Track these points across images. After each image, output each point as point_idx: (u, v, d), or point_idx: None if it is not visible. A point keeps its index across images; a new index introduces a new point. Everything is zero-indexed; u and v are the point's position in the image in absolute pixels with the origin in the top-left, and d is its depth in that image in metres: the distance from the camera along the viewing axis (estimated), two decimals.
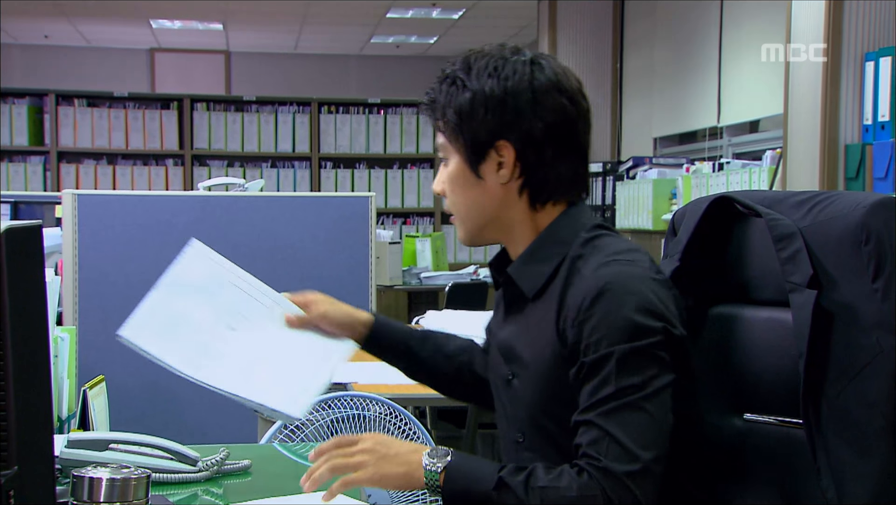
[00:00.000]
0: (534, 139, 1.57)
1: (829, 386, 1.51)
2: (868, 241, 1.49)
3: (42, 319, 1.21)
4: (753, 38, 5.64)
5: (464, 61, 1.61)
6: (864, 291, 1.49)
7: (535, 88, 1.57)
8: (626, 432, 1.41)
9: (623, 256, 1.51)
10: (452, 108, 1.58)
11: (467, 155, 1.59)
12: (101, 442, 1.79)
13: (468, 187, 1.61)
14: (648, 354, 1.44)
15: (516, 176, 1.58)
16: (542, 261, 1.58)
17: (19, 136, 8.29)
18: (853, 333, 1.50)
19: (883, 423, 1.46)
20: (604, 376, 1.44)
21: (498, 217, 1.61)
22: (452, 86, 1.59)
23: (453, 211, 1.65)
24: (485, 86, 1.56)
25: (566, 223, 1.60)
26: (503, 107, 1.56)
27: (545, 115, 1.57)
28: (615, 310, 1.45)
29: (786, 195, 1.65)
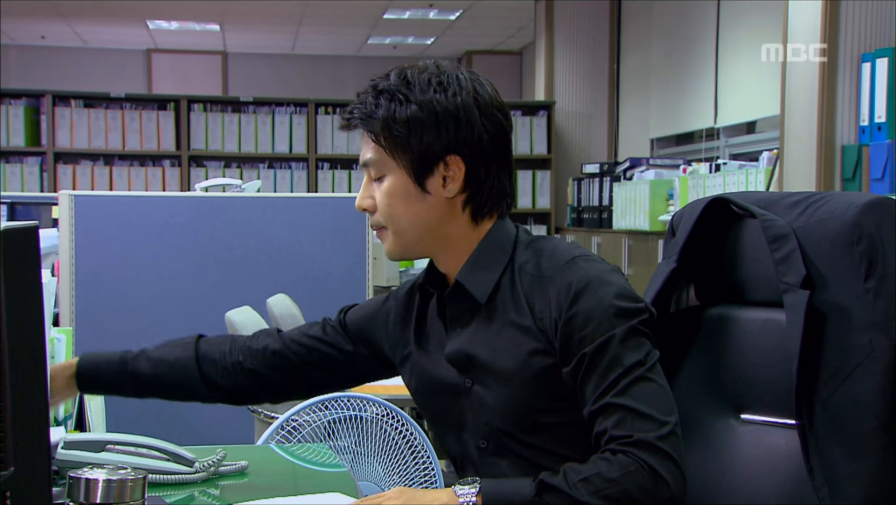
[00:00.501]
0: (482, 153, 1.58)
1: (821, 386, 1.51)
2: (860, 242, 1.50)
3: (38, 321, 1.21)
4: (750, 40, 5.65)
5: (399, 76, 1.59)
6: (856, 291, 1.50)
7: (480, 103, 1.58)
8: (646, 403, 1.44)
9: (580, 252, 1.56)
10: (399, 123, 1.56)
11: (414, 169, 1.58)
12: (97, 443, 1.79)
13: (412, 202, 1.59)
14: (640, 332, 1.50)
15: (461, 190, 1.59)
16: (487, 267, 1.60)
17: (16, 136, 8.28)
18: (846, 334, 1.50)
19: (876, 423, 1.47)
20: (609, 360, 1.47)
21: (439, 231, 1.61)
22: (393, 100, 1.57)
23: (389, 224, 1.62)
24: (433, 100, 1.56)
25: (500, 232, 1.62)
26: (456, 121, 1.56)
27: (490, 130, 1.58)
28: (599, 300, 1.49)
29: (781, 196, 1.66)
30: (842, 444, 1.49)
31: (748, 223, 1.66)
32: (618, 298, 1.50)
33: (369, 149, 1.61)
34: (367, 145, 1.61)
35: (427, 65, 1.61)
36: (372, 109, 1.58)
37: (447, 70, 1.60)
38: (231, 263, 4.33)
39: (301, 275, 4.37)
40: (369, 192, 1.63)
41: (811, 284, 1.53)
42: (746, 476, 1.64)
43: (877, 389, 1.47)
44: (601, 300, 1.50)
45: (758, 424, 1.64)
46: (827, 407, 1.50)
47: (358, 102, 1.60)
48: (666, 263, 1.74)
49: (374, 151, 1.60)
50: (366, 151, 1.62)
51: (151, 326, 4.26)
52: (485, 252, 1.61)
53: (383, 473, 2.48)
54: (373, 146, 1.60)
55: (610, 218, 6.50)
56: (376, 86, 1.59)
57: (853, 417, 1.48)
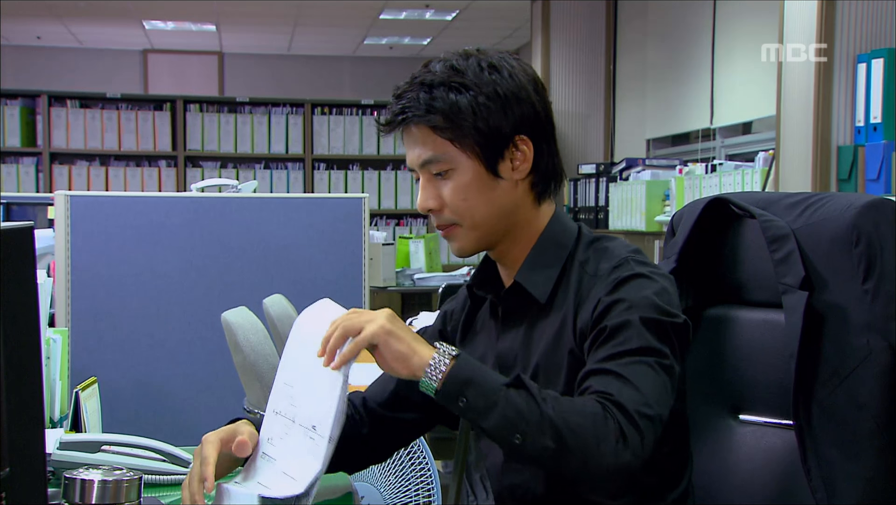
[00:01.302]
0: (543, 130, 1.56)
1: (819, 387, 1.51)
2: (858, 243, 1.50)
3: (34, 321, 1.21)
4: (746, 40, 5.66)
5: (446, 66, 1.53)
6: (854, 292, 1.50)
7: (532, 81, 1.56)
8: (643, 384, 1.37)
9: (634, 255, 1.52)
10: (463, 111, 1.50)
11: (485, 156, 1.53)
12: (93, 444, 1.78)
13: (486, 190, 1.54)
14: (668, 332, 1.43)
15: (530, 171, 1.56)
16: (547, 265, 1.56)
17: (12, 137, 8.27)
18: (844, 335, 1.50)
19: (873, 425, 1.47)
20: (625, 337, 1.41)
21: (513, 216, 1.57)
22: (451, 90, 1.51)
23: (463, 219, 1.55)
24: (492, 83, 1.52)
25: (559, 226, 1.59)
26: (517, 101, 1.53)
27: (544, 106, 1.57)
28: (640, 291, 1.45)
29: (780, 196, 1.66)
30: (839, 445, 1.49)
31: (748, 223, 1.66)
32: (659, 297, 1.45)
33: (429, 146, 1.53)
34: (425, 143, 1.53)
35: (468, 51, 1.57)
36: (428, 103, 1.52)
37: (491, 52, 1.57)
38: (227, 264, 4.32)
39: (298, 275, 4.37)
40: (432, 191, 1.56)
41: (810, 285, 1.53)
42: (745, 476, 1.64)
43: (874, 390, 1.47)
44: (641, 292, 1.45)
45: (756, 424, 1.64)
46: (824, 408, 1.50)
47: (406, 101, 1.53)
48: (665, 263, 1.74)
49: (437, 148, 1.53)
50: (422, 150, 1.54)
51: (147, 326, 4.26)
52: (544, 249, 1.57)
53: (379, 473, 2.48)
54: (433, 142, 1.53)
55: (606, 218, 6.51)
56: (423, 80, 1.54)
57: (850, 419, 1.48)
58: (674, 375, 1.42)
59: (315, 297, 4.57)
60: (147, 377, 4.24)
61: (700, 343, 1.70)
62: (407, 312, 6.16)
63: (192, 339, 4.29)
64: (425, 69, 1.56)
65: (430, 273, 6.71)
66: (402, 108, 1.54)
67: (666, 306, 1.45)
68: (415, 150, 1.56)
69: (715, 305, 1.72)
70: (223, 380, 4.21)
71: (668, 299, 1.46)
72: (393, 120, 1.55)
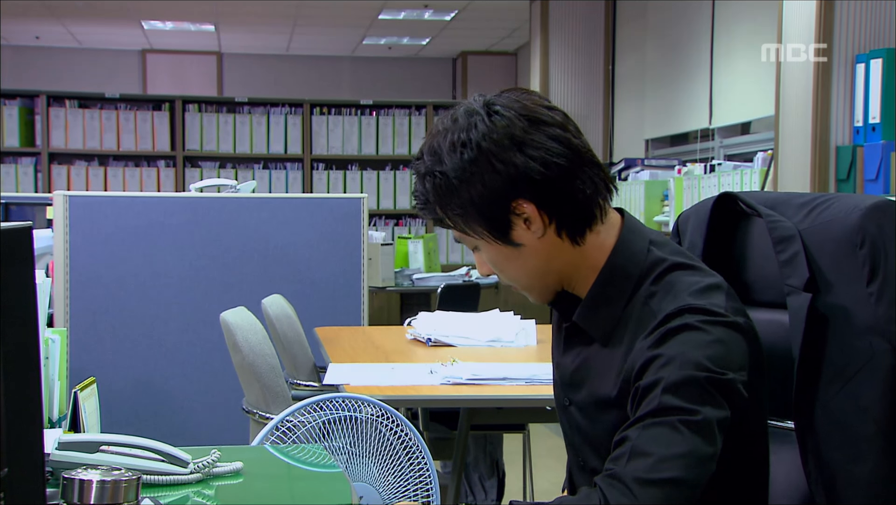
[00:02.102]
0: (540, 183, 1.46)
1: (822, 389, 1.51)
2: (863, 245, 1.49)
3: (32, 321, 1.21)
4: (745, 40, 5.66)
5: (430, 151, 1.50)
6: (859, 294, 1.49)
7: (516, 139, 1.46)
8: (655, 446, 1.32)
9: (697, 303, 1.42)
10: (451, 203, 1.49)
11: (492, 232, 1.50)
12: (91, 444, 1.78)
13: (514, 259, 1.52)
14: (703, 387, 1.35)
15: (548, 223, 1.49)
16: (609, 302, 1.50)
17: (10, 137, 8.27)
18: (847, 337, 1.50)
19: (874, 428, 1.46)
20: (651, 398, 1.36)
21: (554, 269, 1.52)
22: (433, 180, 1.49)
23: (513, 284, 1.57)
24: (463, 163, 1.46)
25: (624, 253, 1.51)
26: (496, 171, 1.45)
27: (534, 153, 1.45)
28: (680, 347, 1.38)
29: (789, 196, 1.65)
30: (840, 447, 1.48)
31: (754, 223, 1.65)
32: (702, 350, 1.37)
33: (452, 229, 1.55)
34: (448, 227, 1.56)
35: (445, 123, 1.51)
36: (425, 198, 1.52)
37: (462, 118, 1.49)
38: (226, 264, 4.32)
39: (296, 276, 4.37)
40: (479, 260, 1.58)
41: (815, 287, 1.53)
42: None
43: (877, 393, 1.46)
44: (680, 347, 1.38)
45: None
46: (827, 410, 1.50)
47: (416, 193, 1.55)
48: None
49: (454, 232, 1.55)
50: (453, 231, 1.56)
51: (146, 326, 4.26)
52: (607, 282, 1.50)
53: (378, 473, 2.48)
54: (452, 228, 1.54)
55: None
56: (418, 169, 1.53)
57: (852, 421, 1.48)
58: (708, 431, 1.34)
59: (314, 297, 4.60)
60: (146, 377, 4.24)
61: None
62: (405, 312, 6.15)
63: (190, 339, 4.29)
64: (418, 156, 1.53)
65: (428, 273, 6.71)
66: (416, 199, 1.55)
67: (705, 362, 1.36)
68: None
69: None
70: (222, 380, 4.21)
71: (715, 355, 1.38)
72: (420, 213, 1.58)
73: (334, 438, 2.42)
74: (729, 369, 1.38)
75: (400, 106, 8.73)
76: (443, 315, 3.75)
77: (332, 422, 2.41)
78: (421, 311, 4.00)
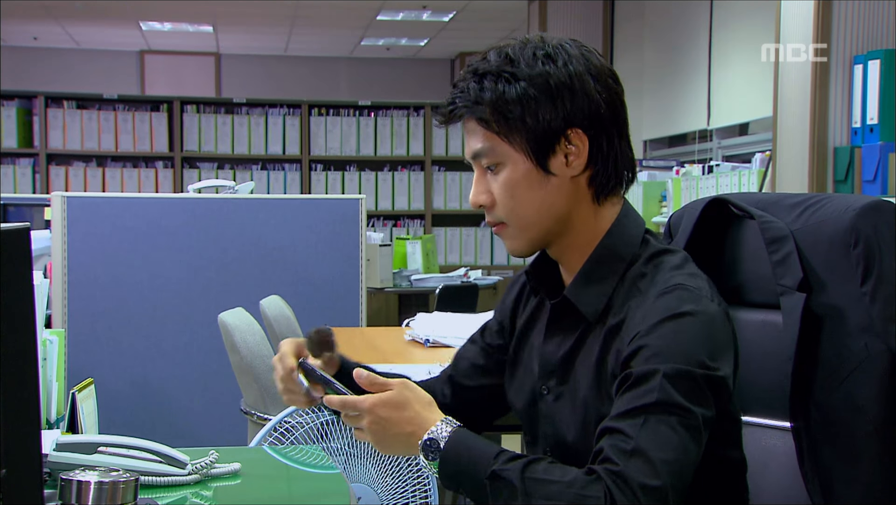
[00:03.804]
0: (602, 123, 1.46)
1: (817, 389, 1.51)
2: (857, 245, 1.50)
3: (30, 322, 1.21)
4: (743, 41, 5.66)
5: (499, 55, 1.47)
6: (852, 294, 1.50)
7: (592, 70, 1.47)
8: (656, 448, 1.30)
9: (692, 284, 1.42)
10: (511, 103, 1.44)
11: (534, 151, 1.45)
12: (89, 445, 1.78)
13: (536, 188, 1.47)
14: (698, 385, 1.35)
15: (585, 166, 1.47)
16: (601, 280, 1.48)
17: (8, 138, 8.26)
18: (842, 337, 1.50)
19: (870, 427, 1.46)
20: (649, 388, 1.33)
21: (567, 216, 1.49)
22: (500, 80, 1.45)
23: (512, 219, 1.49)
24: (543, 73, 1.44)
25: (620, 234, 1.50)
26: (571, 91, 1.44)
27: (605, 97, 1.47)
28: (681, 336, 1.36)
29: (780, 197, 1.66)
30: (836, 447, 1.48)
31: (747, 224, 1.66)
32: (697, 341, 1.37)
33: (479, 138, 1.48)
34: (476, 135, 1.48)
35: (528, 38, 1.50)
36: (477, 94, 1.46)
37: (551, 40, 1.48)
38: (224, 265, 4.32)
39: (294, 276, 4.37)
40: (484, 186, 1.50)
41: (808, 287, 1.53)
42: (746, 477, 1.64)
43: (872, 393, 1.47)
44: (681, 336, 1.36)
45: (756, 426, 1.64)
46: (822, 410, 1.50)
47: (458, 91, 1.48)
48: None
49: (485, 139, 1.47)
50: (474, 142, 1.49)
51: (144, 327, 4.25)
52: (600, 260, 1.49)
53: (376, 474, 2.48)
54: (483, 134, 1.47)
55: None
56: (476, 70, 1.48)
57: (848, 421, 1.48)
58: (699, 435, 1.34)
59: (312, 297, 4.59)
60: (144, 378, 4.24)
61: None
62: (404, 313, 6.15)
63: (188, 340, 4.29)
64: (481, 58, 1.50)
65: (427, 274, 6.71)
66: (454, 98, 1.49)
67: (703, 356, 1.36)
68: (469, 141, 1.51)
69: None
70: (220, 381, 4.21)
71: (710, 346, 1.37)
72: (445, 110, 1.50)
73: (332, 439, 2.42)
74: (722, 363, 1.38)
75: (398, 107, 8.73)
76: (441, 316, 3.75)
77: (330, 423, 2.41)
78: (419, 311, 4.00)
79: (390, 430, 1.39)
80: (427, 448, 1.38)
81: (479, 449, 1.37)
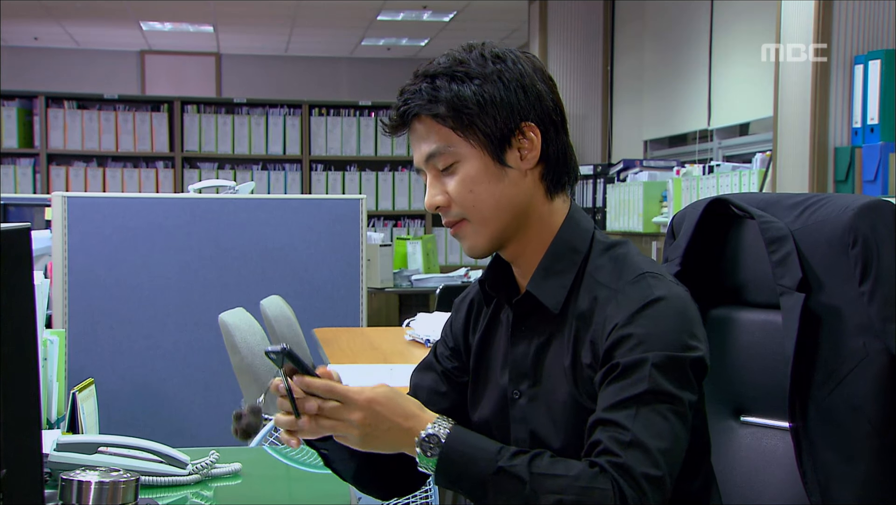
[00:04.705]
0: (551, 119, 1.51)
1: (816, 389, 1.51)
2: (855, 245, 1.50)
3: (31, 322, 1.21)
4: (744, 41, 5.66)
5: (448, 58, 1.51)
6: (851, 294, 1.50)
7: (537, 71, 1.52)
8: (652, 437, 1.33)
9: (651, 269, 1.46)
10: (467, 100, 1.47)
11: (491, 146, 1.48)
12: (90, 445, 1.78)
13: (495, 181, 1.49)
14: (684, 370, 1.38)
15: (539, 159, 1.51)
16: (561, 273, 1.50)
17: (9, 138, 8.27)
18: (840, 337, 1.50)
19: (868, 427, 1.47)
20: (638, 377, 1.36)
21: (524, 211, 1.51)
22: (454, 80, 1.49)
23: (472, 214, 1.51)
24: (496, 71, 1.49)
25: (573, 228, 1.53)
26: (523, 88, 1.49)
27: (552, 95, 1.52)
28: (657, 324, 1.39)
29: (780, 197, 1.66)
30: (835, 447, 1.49)
31: (747, 224, 1.66)
32: (681, 329, 1.40)
33: (433, 139, 1.50)
34: (430, 136, 1.50)
35: (472, 44, 1.54)
36: (431, 94, 1.49)
37: (496, 44, 1.54)
38: (224, 265, 4.32)
39: (295, 277, 4.37)
40: (439, 187, 1.51)
41: (807, 287, 1.53)
42: (745, 478, 1.64)
43: (870, 392, 1.47)
44: (663, 322, 1.39)
45: (757, 426, 1.64)
46: (821, 410, 1.50)
47: (410, 94, 1.51)
48: (668, 266, 1.73)
49: (441, 139, 1.50)
50: (427, 144, 1.51)
51: (144, 327, 4.26)
52: (558, 254, 1.51)
53: None
54: (438, 134, 1.49)
55: (604, 219, 6.51)
56: (427, 72, 1.51)
57: (846, 421, 1.48)
58: (686, 421, 1.37)
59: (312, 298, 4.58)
60: (144, 378, 4.24)
61: None
62: (404, 314, 6.15)
63: (189, 340, 4.29)
64: (428, 63, 1.53)
65: (427, 274, 6.71)
66: (405, 100, 1.51)
67: (685, 338, 1.40)
68: (420, 146, 1.52)
69: (717, 306, 1.72)
70: (220, 381, 4.21)
71: (688, 327, 1.41)
72: (396, 113, 1.53)
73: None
74: (701, 341, 1.42)
75: None
76: (441, 316, 3.75)
77: None
78: (419, 312, 4.00)
79: (383, 425, 1.38)
80: (426, 444, 1.37)
81: (480, 445, 1.38)
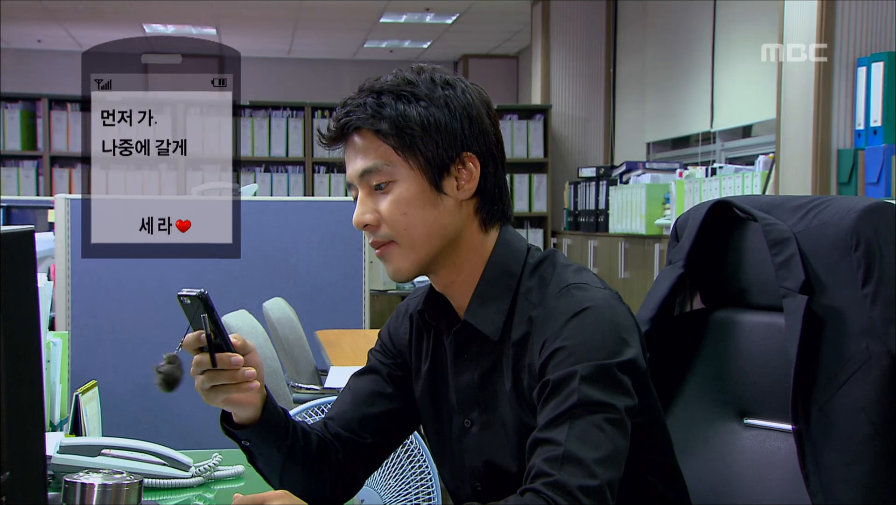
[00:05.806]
0: (492, 152, 1.49)
1: (818, 391, 1.51)
2: (858, 247, 1.50)
3: (34, 325, 1.21)
4: (746, 44, 5.66)
5: (398, 77, 1.48)
6: (854, 296, 1.50)
7: (483, 104, 1.50)
8: (586, 449, 1.31)
9: (574, 280, 1.44)
10: (412, 121, 1.44)
11: (429, 170, 1.44)
12: (93, 447, 1.78)
13: (430, 207, 1.45)
14: (614, 376, 1.36)
15: (475, 192, 1.48)
16: (497, 298, 1.47)
17: (12, 140, 8.27)
18: (843, 339, 1.50)
19: (871, 429, 1.47)
20: (568, 392, 1.34)
21: (455, 240, 1.48)
22: (400, 99, 1.45)
23: (401, 237, 1.46)
24: (444, 97, 1.46)
25: (505, 251, 1.50)
26: (468, 118, 1.46)
27: (495, 131, 1.50)
28: (586, 332, 1.38)
29: (783, 200, 1.66)
30: (837, 449, 1.49)
31: (751, 227, 1.66)
32: (602, 331, 1.38)
33: (371, 155, 1.45)
34: (368, 152, 1.46)
35: (423, 66, 1.51)
36: (376, 109, 1.44)
37: (446, 70, 1.51)
38: (227, 267, 4.32)
39: (298, 279, 4.37)
40: (370, 205, 1.47)
41: (810, 289, 1.53)
42: (748, 480, 1.64)
43: (872, 395, 1.47)
44: (582, 334, 1.37)
45: (760, 428, 1.64)
46: (823, 412, 1.50)
47: (353, 106, 1.46)
48: (672, 269, 1.73)
49: (379, 156, 1.45)
50: (364, 159, 1.46)
51: (147, 329, 4.26)
52: (492, 279, 1.48)
53: (380, 476, 2.48)
54: (377, 151, 1.45)
55: (606, 222, 6.51)
56: (373, 87, 1.47)
57: (849, 423, 1.48)
58: (624, 427, 1.35)
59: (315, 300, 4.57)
60: (147, 380, 4.22)
61: (706, 346, 1.70)
62: None
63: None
64: (376, 78, 1.50)
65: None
66: (347, 112, 1.48)
67: (612, 344, 1.38)
68: (356, 160, 1.48)
69: (721, 309, 1.72)
70: None
71: (615, 332, 1.39)
72: (337, 123, 1.49)
73: None
74: (631, 345, 1.40)
75: None
76: None
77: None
78: None
79: None
80: None
81: None
